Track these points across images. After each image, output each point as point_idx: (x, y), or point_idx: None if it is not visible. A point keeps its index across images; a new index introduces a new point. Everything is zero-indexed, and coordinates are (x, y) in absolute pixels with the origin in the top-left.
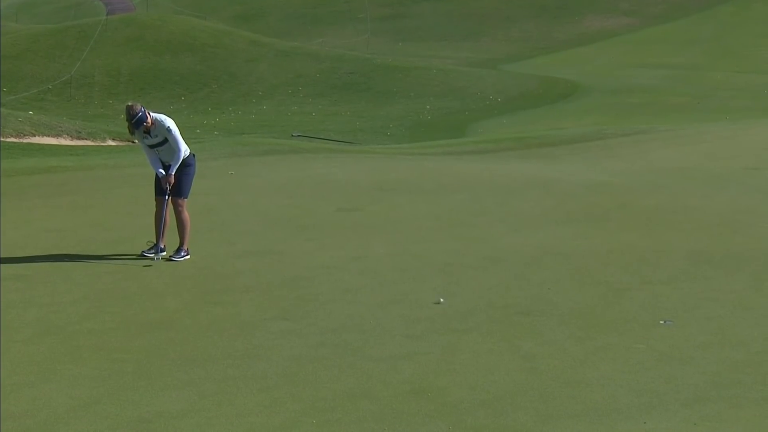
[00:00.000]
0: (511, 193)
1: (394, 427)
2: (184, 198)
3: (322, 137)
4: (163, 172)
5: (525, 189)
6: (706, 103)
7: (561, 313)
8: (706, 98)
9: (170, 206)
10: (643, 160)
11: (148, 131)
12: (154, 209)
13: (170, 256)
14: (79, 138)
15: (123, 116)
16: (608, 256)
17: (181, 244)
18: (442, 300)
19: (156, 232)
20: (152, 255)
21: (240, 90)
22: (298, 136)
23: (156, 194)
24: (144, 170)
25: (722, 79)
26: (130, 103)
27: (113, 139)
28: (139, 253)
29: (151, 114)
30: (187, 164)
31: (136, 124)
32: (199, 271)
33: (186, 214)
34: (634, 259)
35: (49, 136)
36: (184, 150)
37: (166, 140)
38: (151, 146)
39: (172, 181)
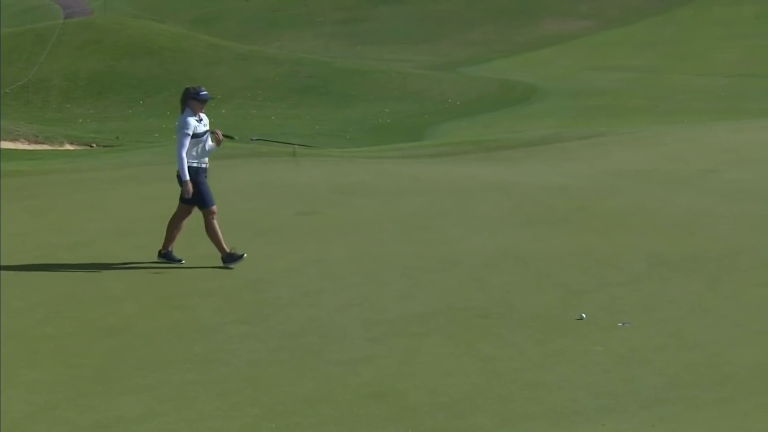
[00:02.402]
0: (471, 196)
1: (353, 431)
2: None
3: (281, 141)
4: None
5: (484, 192)
6: (664, 105)
7: (520, 315)
8: (664, 101)
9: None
10: (602, 162)
11: (201, 117)
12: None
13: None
14: (36, 142)
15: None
16: (567, 259)
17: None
18: (584, 315)
19: (221, 240)
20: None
21: None
22: (257, 139)
23: (214, 201)
24: (102, 174)
25: (681, 81)
26: (192, 85)
27: (71, 143)
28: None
29: None
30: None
31: (206, 96)
32: (157, 275)
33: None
34: (593, 261)
35: (6, 140)
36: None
37: (209, 132)
38: (199, 135)
39: (190, 189)
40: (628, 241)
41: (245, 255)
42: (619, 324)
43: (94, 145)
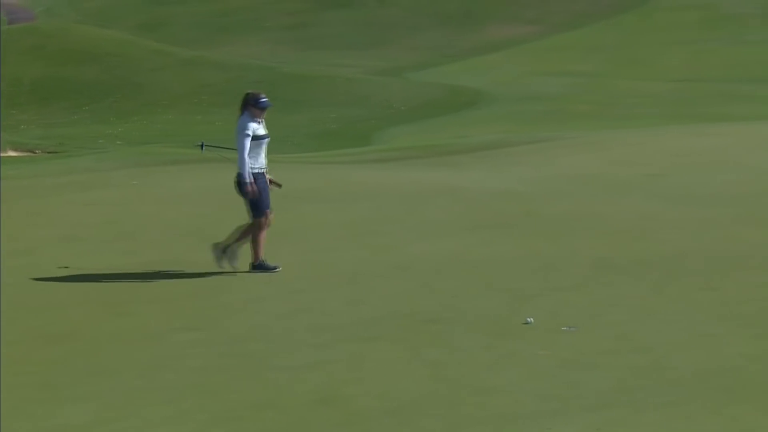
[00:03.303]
0: (418, 201)
1: None
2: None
3: (227, 146)
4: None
5: (432, 197)
6: (610, 110)
7: (468, 320)
8: (610, 105)
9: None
10: (549, 167)
11: (260, 121)
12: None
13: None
14: None
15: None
16: (514, 263)
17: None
18: (531, 320)
19: (261, 247)
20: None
21: (144, 99)
22: (203, 145)
23: (264, 212)
24: (46, 180)
25: (626, 86)
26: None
27: (14, 150)
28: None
29: None
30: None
31: (266, 103)
32: (103, 281)
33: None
34: (540, 265)
35: None
36: None
37: (268, 135)
38: (259, 137)
39: (255, 190)
40: (575, 246)
41: (278, 268)
42: (565, 328)
43: (38, 151)
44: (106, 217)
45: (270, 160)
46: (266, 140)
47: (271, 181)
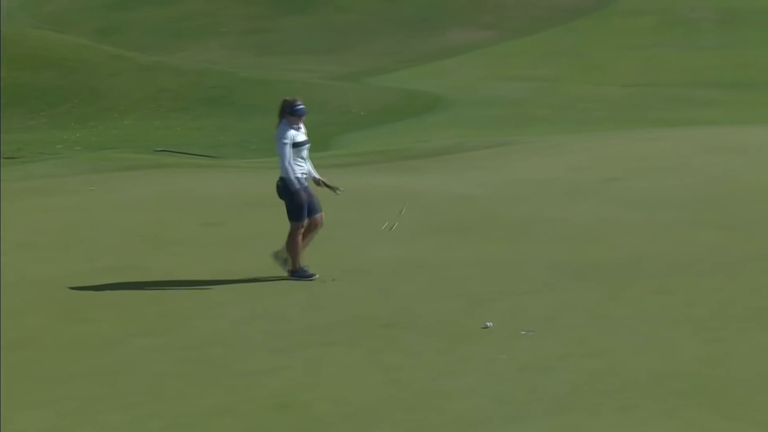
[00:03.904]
0: (375, 205)
1: None
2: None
3: (185, 152)
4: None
5: (389, 201)
6: (567, 114)
7: (425, 325)
8: (567, 110)
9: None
10: (506, 171)
11: (299, 127)
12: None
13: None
14: None
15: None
16: (471, 268)
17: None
18: (489, 324)
19: (298, 254)
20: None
21: (102, 105)
22: (161, 151)
23: (315, 211)
24: (3, 186)
25: (582, 91)
26: (290, 98)
27: None
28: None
29: None
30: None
31: (301, 110)
32: (60, 288)
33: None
34: (497, 270)
35: None
36: None
37: (309, 140)
38: (298, 144)
39: (302, 197)
40: (531, 250)
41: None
42: (523, 332)
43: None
44: (63, 222)
45: (228, 166)
46: (306, 146)
47: (326, 185)
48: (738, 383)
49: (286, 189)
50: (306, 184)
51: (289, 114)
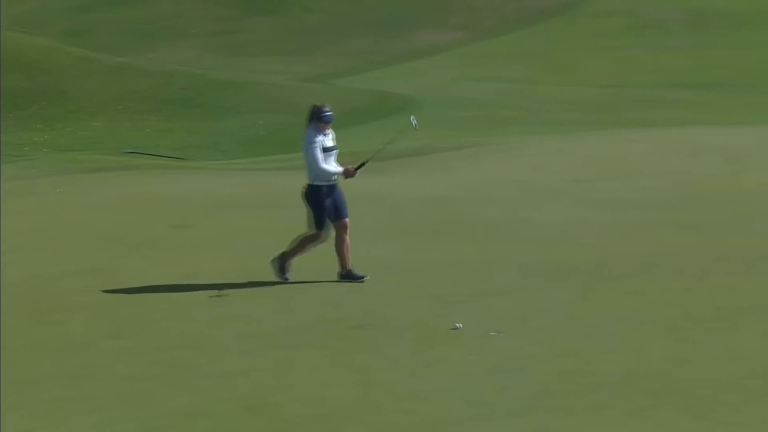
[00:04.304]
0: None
1: None
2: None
3: (154, 153)
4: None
5: (359, 203)
6: (537, 116)
7: (394, 326)
8: (537, 111)
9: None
10: (476, 173)
11: (327, 133)
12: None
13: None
14: None
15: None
16: (441, 269)
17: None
18: (459, 325)
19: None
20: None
21: (70, 106)
22: (130, 152)
23: (343, 216)
24: None
25: (553, 92)
26: (319, 103)
27: None
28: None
29: None
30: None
31: (328, 117)
32: (28, 290)
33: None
34: (466, 271)
35: None
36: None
37: (337, 146)
38: (327, 149)
39: (357, 174)
40: (502, 251)
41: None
42: (492, 333)
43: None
44: (32, 225)
45: (198, 167)
46: (334, 152)
47: (356, 168)
48: (708, 383)
49: (312, 195)
50: (333, 191)
51: (317, 120)
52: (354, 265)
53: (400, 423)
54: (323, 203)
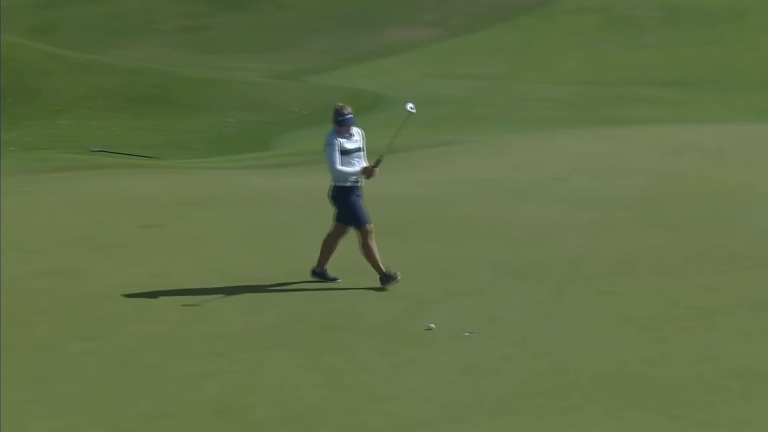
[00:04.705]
0: (316, 206)
1: None
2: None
3: (122, 152)
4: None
5: (329, 202)
6: (511, 113)
7: (366, 326)
8: (511, 109)
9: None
10: (449, 171)
11: (351, 134)
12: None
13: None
14: None
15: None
16: (413, 269)
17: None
18: (432, 325)
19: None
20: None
21: (36, 104)
22: (98, 151)
23: (369, 220)
24: None
25: (527, 89)
26: (341, 104)
27: None
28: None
29: None
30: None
31: (346, 121)
32: None
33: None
34: (439, 271)
35: None
36: None
37: (362, 148)
38: (348, 151)
39: (376, 173)
40: (475, 250)
41: (399, 277)
42: (466, 334)
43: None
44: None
45: (167, 166)
46: (357, 153)
47: (373, 166)
48: (683, 384)
49: (339, 196)
50: (357, 192)
51: (337, 123)
52: (327, 265)
53: (371, 425)
54: (351, 200)
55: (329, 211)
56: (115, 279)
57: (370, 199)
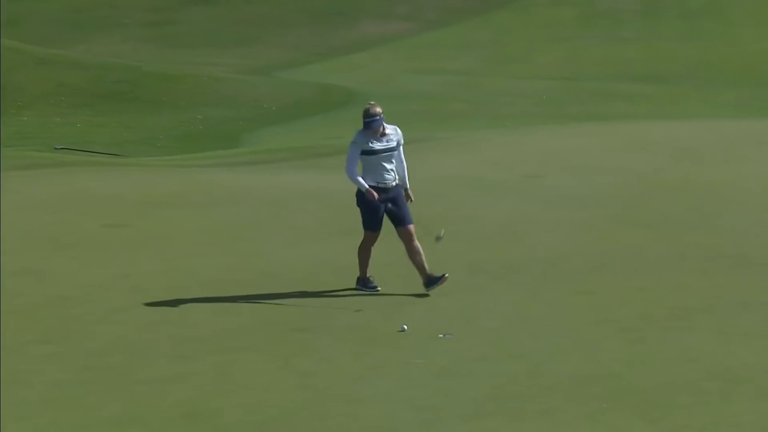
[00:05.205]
0: (286, 205)
1: None
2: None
3: (86, 149)
4: (367, 186)
5: (300, 201)
6: (486, 109)
7: (338, 328)
8: (485, 105)
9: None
10: (422, 168)
11: (382, 134)
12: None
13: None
14: None
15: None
16: (385, 269)
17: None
18: (405, 327)
19: (365, 264)
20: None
21: None
22: (62, 148)
23: (377, 229)
24: None
25: (501, 84)
26: (372, 103)
27: None
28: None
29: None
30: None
31: (369, 124)
32: None
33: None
34: (412, 271)
35: None
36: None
37: (397, 148)
38: (372, 151)
39: (412, 196)
40: (449, 249)
41: (379, 288)
42: (440, 335)
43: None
44: None
45: (131, 164)
46: (387, 155)
47: (406, 191)
48: (662, 386)
49: (359, 196)
50: (382, 194)
51: (363, 124)
52: (295, 265)
53: (343, 428)
54: (370, 205)
55: (301, 209)
56: (79, 280)
57: (342, 199)
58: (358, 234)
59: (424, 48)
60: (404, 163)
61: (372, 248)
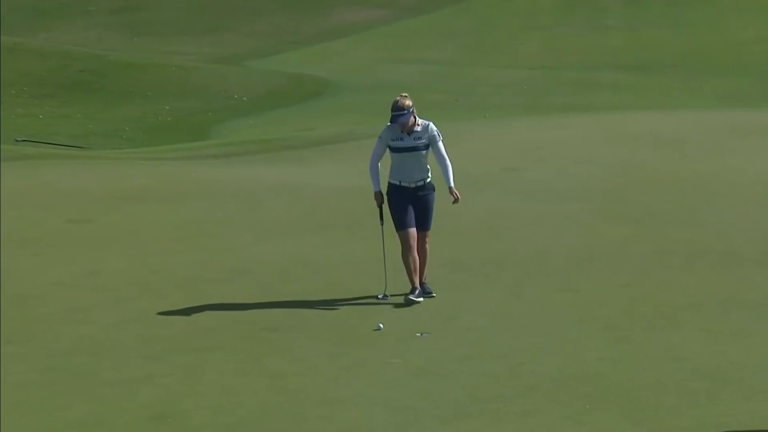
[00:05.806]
0: (258, 199)
1: None
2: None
3: (50, 142)
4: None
5: (273, 195)
6: (464, 100)
7: (312, 327)
8: (464, 95)
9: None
10: None
11: (410, 131)
12: None
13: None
14: None
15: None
16: (363, 266)
17: (423, 281)
18: (381, 326)
19: (412, 272)
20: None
21: None
22: (23, 140)
23: (406, 226)
24: None
25: (481, 74)
26: (404, 95)
27: None
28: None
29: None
30: (433, 189)
31: (395, 118)
32: None
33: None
34: (389, 267)
35: None
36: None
37: (424, 147)
38: (398, 149)
39: (458, 195)
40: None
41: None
42: (418, 334)
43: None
44: None
45: (96, 157)
46: (413, 153)
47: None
48: (647, 386)
49: (388, 195)
50: (405, 193)
51: (391, 117)
52: (266, 262)
53: (316, 431)
54: (392, 200)
55: (273, 204)
56: (43, 278)
57: (316, 192)
58: (333, 229)
59: (401, 36)
60: (446, 159)
61: (413, 251)
